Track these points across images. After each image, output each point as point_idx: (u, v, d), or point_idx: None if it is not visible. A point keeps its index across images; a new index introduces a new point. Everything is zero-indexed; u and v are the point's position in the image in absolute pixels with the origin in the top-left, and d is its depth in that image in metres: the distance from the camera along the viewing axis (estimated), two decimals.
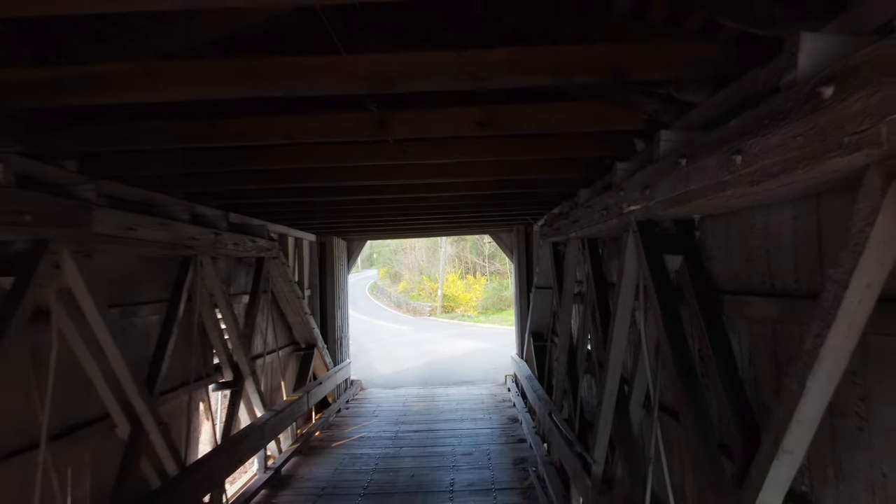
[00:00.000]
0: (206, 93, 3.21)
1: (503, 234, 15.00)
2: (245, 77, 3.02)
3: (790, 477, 2.70)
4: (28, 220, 4.00)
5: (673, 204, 3.53)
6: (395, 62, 3.14)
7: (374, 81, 3.13)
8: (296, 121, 4.14)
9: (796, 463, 2.64)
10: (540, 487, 7.49)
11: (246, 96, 3.26)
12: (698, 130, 3.58)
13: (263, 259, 9.23)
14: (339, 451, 9.59)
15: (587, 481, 5.72)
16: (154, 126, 4.25)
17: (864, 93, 1.85)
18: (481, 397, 13.65)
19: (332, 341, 13.30)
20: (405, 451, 9.36)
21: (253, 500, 7.42)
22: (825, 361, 2.29)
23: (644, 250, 4.10)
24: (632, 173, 4.42)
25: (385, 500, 7.30)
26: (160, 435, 5.68)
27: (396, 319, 36.95)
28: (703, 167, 3.02)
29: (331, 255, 13.56)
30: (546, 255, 9.54)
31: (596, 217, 5.48)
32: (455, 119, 4.15)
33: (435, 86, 3.16)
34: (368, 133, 4.15)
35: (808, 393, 2.39)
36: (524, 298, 13.43)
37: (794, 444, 2.55)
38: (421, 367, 18.96)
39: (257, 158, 4.85)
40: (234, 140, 4.12)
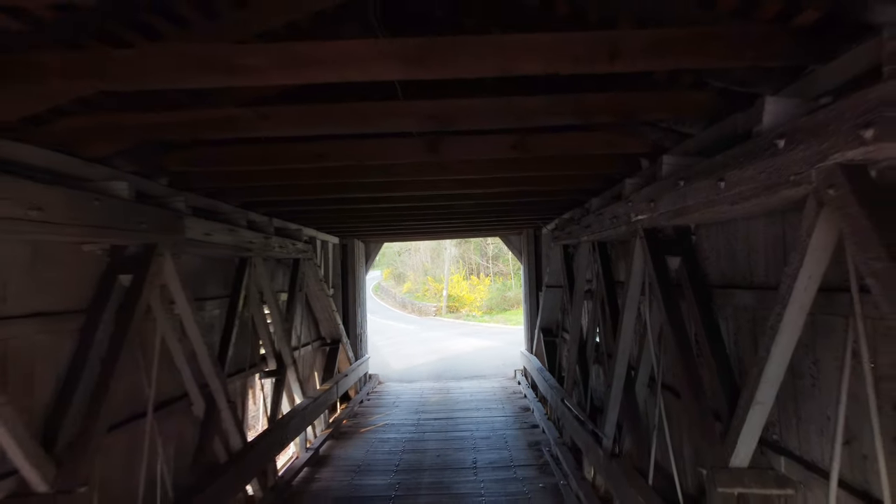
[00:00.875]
0: (305, 130, 4.10)
1: (512, 236, 15.90)
2: (349, 117, 3.92)
3: (761, 424, 3.58)
4: (144, 227, 4.89)
5: (674, 216, 4.41)
6: (454, 106, 4.02)
7: (440, 120, 4.01)
8: (359, 145, 5.02)
9: (766, 412, 3.52)
10: (554, 464, 8.37)
11: (346, 133, 4.15)
12: (694, 155, 4.46)
13: (299, 260, 10.11)
14: (367, 435, 10.48)
15: (599, 452, 6.60)
16: (239, 151, 5.14)
17: (802, 146, 2.74)
18: (493, 390, 14.53)
19: (352, 337, 14.18)
20: (428, 436, 10.24)
21: (298, 475, 8.30)
22: (784, 333, 3.18)
23: (650, 253, 4.98)
24: (639, 188, 5.29)
25: (417, 475, 8.17)
26: (229, 412, 6.56)
27: (402, 319, 37.79)
28: (697, 188, 3.90)
29: (352, 257, 14.44)
30: (557, 257, 10.42)
31: (607, 224, 6.36)
32: (493, 144, 5.03)
33: (488, 125, 4.05)
34: (421, 156, 5.03)
35: (773, 357, 3.27)
36: (533, 297, 14.32)
37: (763, 396, 3.44)
38: (432, 364, 19.85)
39: (327, 175, 5.74)
40: (314, 161, 4.99)
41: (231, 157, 5.09)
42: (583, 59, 2.97)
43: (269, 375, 8.78)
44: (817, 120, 2.66)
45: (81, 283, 4.75)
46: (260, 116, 3.95)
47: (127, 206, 4.72)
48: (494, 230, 15.46)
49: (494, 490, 7.58)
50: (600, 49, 2.92)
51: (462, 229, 14.56)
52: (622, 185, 5.89)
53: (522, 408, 12.25)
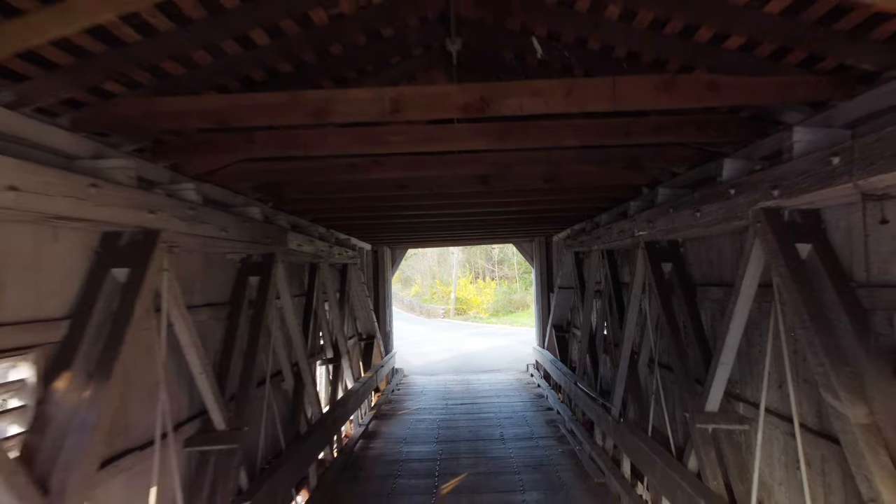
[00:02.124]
0: (405, 172, 5.73)
1: (525, 243, 17.54)
2: (436, 165, 5.55)
3: (725, 380, 5.19)
4: (268, 241, 6.53)
5: (667, 233, 6.05)
6: (509, 157, 5.65)
7: (498, 166, 5.64)
8: (435, 178, 6.63)
9: (728, 371, 5.12)
10: (570, 436, 9.98)
11: (431, 174, 5.78)
12: (681, 188, 6.08)
13: (348, 265, 11.75)
14: (405, 417, 12.10)
15: (608, 419, 8.21)
16: (337, 183, 6.75)
17: (744, 195, 4.36)
18: (509, 381, 16.16)
19: (382, 334, 15.80)
20: (458, 417, 11.85)
21: (356, 445, 9.91)
22: (737, 315, 4.80)
23: (649, 260, 6.60)
24: (641, 210, 6.92)
25: (454, 444, 9.78)
26: (313, 387, 8.19)
27: (412, 321, 39.33)
28: (682, 215, 5.52)
29: (382, 262, 16.08)
30: (569, 262, 12.05)
31: (614, 236, 7.98)
32: (530, 178, 6.63)
33: (531, 168, 5.68)
34: (476, 187, 6.65)
35: (731, 331, 4.90)
36: (544, 298, 15.95)
37: (726, 359, 5.05)
38: (449, 360, 21.47)
39: (403, 199, 7.37)
40: (397, 190, 6.61)
41: (328, 188, 6.68)
42: (604, 133, 4.61)
43: (329, 362, 10.39)
44: (752, 180, 4.29)
45: (226, 282, 6.37)
46: (375, 163, 5.58)
47: (260, 226, 6.37)
48: (510, 238, 17.11)
49: (521, 455, 9.20)
50: (621, 129, 4.56)
51: (483, 238, 16.22)
52: (627, 206, 7.55)
53: (537, 395, 13.87)
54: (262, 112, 3.69)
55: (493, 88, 3.66)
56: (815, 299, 3.77)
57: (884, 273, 3.50)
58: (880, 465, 3.12)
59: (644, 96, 3.64)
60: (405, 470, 8.65)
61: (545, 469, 8.51)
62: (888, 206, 3.40)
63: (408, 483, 8.09)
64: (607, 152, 5.55)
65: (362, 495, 7.72)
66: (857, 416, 3.27)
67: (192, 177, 5.15)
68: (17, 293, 3.38)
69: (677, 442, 6.68)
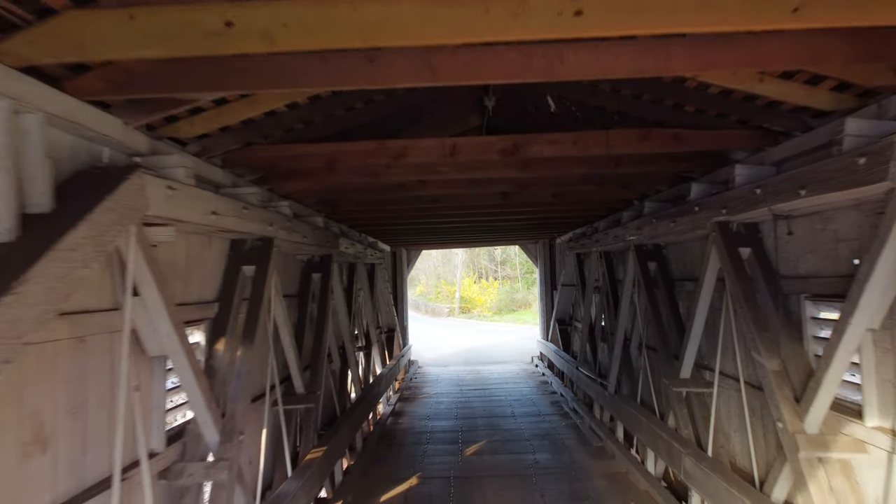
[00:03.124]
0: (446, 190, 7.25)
1: (530, 245, 19.07)
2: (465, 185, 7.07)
3: (695, 353, 6.71)
4: (328, 244, 8.06)
5: (651, 238, 7.58)
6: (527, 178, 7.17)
7: (518, 185, 7.17)
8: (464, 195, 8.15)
9: (696, 346, 6.65)
10: (572, 413, 11.51)
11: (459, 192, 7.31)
12: (663, 202, 7.61)
13: (375, 264, 13.28)
14: (425, 399, 13.62)
15: (605, 394, 9.73)
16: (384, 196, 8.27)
17: (705, 212, 5.88)
18: (515, 370, 17.70)
19: (401, 328, 17.33)
20: (472, 399, 13.38)
21: (387, 420, 11.44)
22: (702, 302, 6.32)
23: (637, 261, 8.12)
24: (631, 219, 8.45)
25: (472, 420, 11.30)
26: (356, 368, 9.71)
27: (418, 320, 40.75)
28: (662, 224, 7.05)
29: (399, 262, 17.61)
30: (571, 262, 13.58)
31: (610, 240, 9.51)
32: (541, 194, 8.17)
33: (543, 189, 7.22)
34: (497, 201, 8.18)
35: (697, 315, 6.43)
36: (548, 294, 17.48)
37: (695, 336, 6.58)
38: (457, 354, 23.01)
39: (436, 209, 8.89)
40: (432, 203, 8.12)
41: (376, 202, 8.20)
42: (600, 165, 6.14)
43: (361, 350, 11.91)
44: (710, 201, 5.81)
45: (295, 277, 7.89)
46: (421, 184, 7.09)
47: (322, 232, 7.89)
48: (517, 240, 18.65)
49: (530, 428, 10.72)
50: (612, 161, 6.08)
51: (493, 240, 17.74)
52: (620, 215, 9.10)
53: (542, 382, 15.41)
54: (357, 155, 5.22)
55: (522, 138, 5.19)
56: (750, 287, 5.30)
57: (793, 269, 5.03)
58: (785, 396, 4.64)
59: (629, 145, 5.17)
60: (433, 439, 10.18)
61: (551, 437, 10.04)
62: (793, 223, 4.93)
63: (436, 448, 9.62)
64: (603, 176, 7.08)
65: (401, 456, 9.24)
66: (772, 366, 4.80)
67: (280, 195, 6.66)
68: (195, 283, 4.91)
69: (661, 408, 8.17)
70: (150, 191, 3.52)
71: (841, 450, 4.30)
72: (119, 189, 3.22)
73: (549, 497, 7.30)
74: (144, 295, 3.80)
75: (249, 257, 5.56)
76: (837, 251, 4.52)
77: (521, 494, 7.40)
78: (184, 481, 4.31)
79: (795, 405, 4.61)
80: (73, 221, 2.90)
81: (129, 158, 3.83)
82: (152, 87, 3.32)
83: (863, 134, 3.79)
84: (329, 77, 3.13)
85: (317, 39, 2.66)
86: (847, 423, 4.36)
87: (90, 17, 2.69)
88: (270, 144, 5.19)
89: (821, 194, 4.06)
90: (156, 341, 4.03)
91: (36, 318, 2.56)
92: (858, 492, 4.25)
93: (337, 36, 2.63)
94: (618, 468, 8.36)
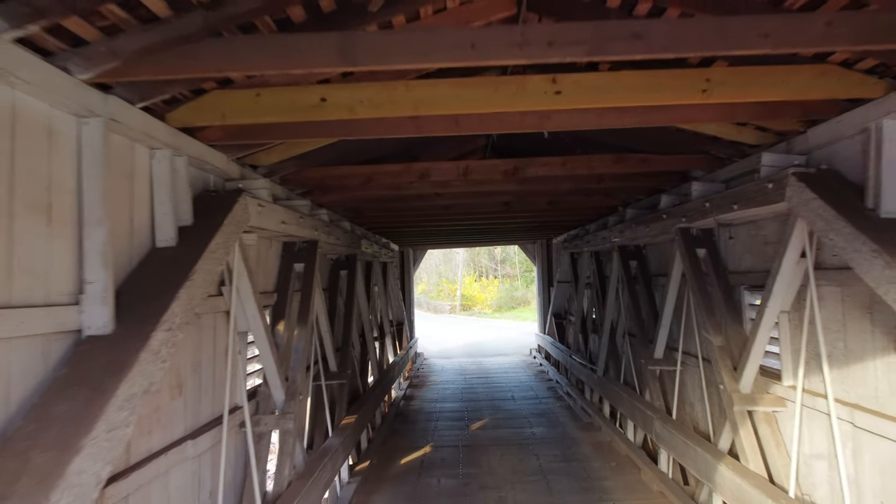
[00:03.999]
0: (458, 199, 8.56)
1: (528, 245, 20.39)
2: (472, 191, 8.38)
3: (665, 336, 8.02)
4: (353, 245, 9.36)
5: (632, 240, 8.90)
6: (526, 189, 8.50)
7: (517, 195, 8.48)
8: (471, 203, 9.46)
9: (667, 331, 7.95)
10: (567, 397, 12.83)
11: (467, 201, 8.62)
12: (643, 209, 8.92)
13: (386, 263, 14.59)
14: (433, 386, 14.94)
15: (594, 377, 11.05)
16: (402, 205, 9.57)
17: (671, 219, 7.18)
18: (515, 362, 19.02)
19: (408, 322, 18.64)
20: (476, 386, 14.70)
21: (400, 403, 12.76)
22: (671, 294, 7.63)
23: (620, 260, 9.43)
24: (616, 223, 9.77)
25: (476, 403, 12.62)
26: (373, 354, 11.01)
27: (421, 317, 41.87)
28: (640, 228, 8.36)
29: (407, 261, 18.93)
30: (566, 261, 14.91)
31: (599, 242, 10.83)
32: (539, 203, 9.48)
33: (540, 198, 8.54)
34: (500, 209, 9.48)
35: (667, 304, 7.74)
36: (545, 291, 18.80)
37: (665, 322, 7.89)
38: (460, 347, 24.34)
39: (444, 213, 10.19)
40: (441, 210, 9.42)
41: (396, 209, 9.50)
42: (585, 181, 7.43)
43: (376, 340, 13.21)
44: (674, 210, 7.12)
45: (326, 273, 9.19)
46: (437, 195, 8.39)
47: (349, 234, 9.19)
48: (516, 241, 19.97)
49: (528, 408, 12.04)
50: (595, 178, 7.38)
51: (494, 241, 19.05)
52: (607, 220, 10.42)
53: (540, 371, 16.74)
54: (389, 175, 6.52)
55: (521, 162, 6.50)
56: (704, 281, 6.61)
57: (736, 266, 6.35)
58: (726, 365, 5.94)
59: (607, 166, 6.48)
60: (442, 417, 11.50)
61: (547, 416, 11.36)
62: (734, 230, 6.26)
63: (445, 424, 10.93)
64: (589, 189, 8.38)
65: (415, 430, 10.55)
66: (717, 342, 6.10)
67: (318, 205, 7.96)
68: (262, 277, 6.20)
69: (640, 385, 9.47)
70: (249, 208, 4.83)
71: (765, 404, 5.60)
72: (234, 208, 4.53)
73: (543, 459, 8.62)
74: (238, 285, 5.10)
75: (299, 256, 6.86)
76: (766, 252, 5.83)
77: (519, 457, 8.72)
78: (260, 429, 5.61)
79: (733, 372, 5.91)
80: (211, 232, 4.20)
81: (224, 182, 5.14)
82: (252, 136, 4.63)
83: (774, 165, 5.09)
84: (388, 130, 4.44)
85: (382, 110, 3.96)
86: (771, 384, 5.67)
87: (230, 95, 3.99)
88: (320, 166, 6.49)
89: (747, 209, 5.37)
90: (244, 320, 5.33)
91: (199, 297, 3.86)
92: (777, 436, 5.55)
93: (396, 109, 3.93)
94: (603, 438, 9.68)
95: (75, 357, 3.13)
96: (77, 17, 2.73)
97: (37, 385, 2.99)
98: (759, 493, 5.00)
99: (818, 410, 4.93)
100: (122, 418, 2.97)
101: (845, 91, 3.92)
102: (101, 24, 2.92)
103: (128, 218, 3.81)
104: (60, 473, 2.56)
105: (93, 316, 3.26)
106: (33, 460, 2.60)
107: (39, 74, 2.82)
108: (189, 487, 4.48)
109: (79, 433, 2.73)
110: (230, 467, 5.12)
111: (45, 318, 3.01)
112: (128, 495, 3.63)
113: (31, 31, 2.57)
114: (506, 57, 3.05)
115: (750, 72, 3.82)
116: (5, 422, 2.78)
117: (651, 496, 7.22)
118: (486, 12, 4.09)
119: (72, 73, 3.01)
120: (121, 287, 3.59)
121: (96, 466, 2.76)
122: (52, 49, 2.91)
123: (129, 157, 3.82)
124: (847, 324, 4.62)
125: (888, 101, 3.92)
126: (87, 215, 3.28)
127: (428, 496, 7.38)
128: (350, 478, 7.92)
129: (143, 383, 3.17)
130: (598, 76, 3.79)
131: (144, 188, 3.99)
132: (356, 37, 3.09)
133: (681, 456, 6.76)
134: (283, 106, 3.97)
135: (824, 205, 4.24)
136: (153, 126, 3.85)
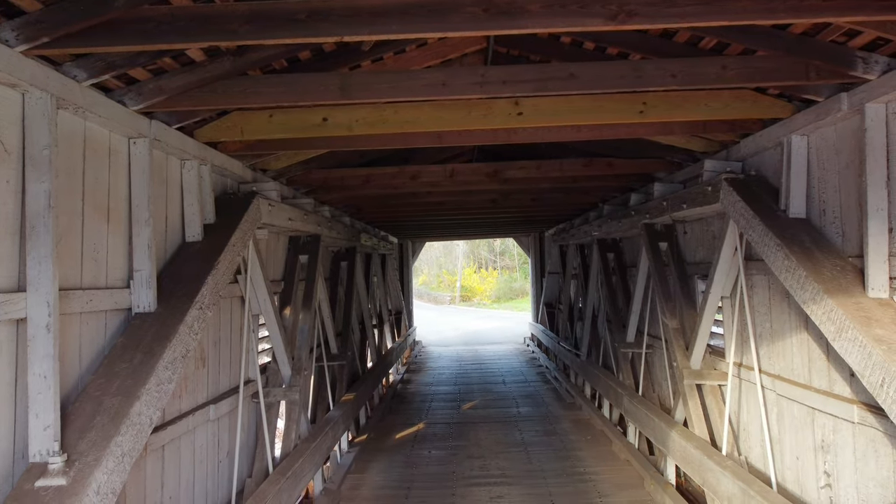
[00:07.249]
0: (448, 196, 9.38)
1: (523, 237, 21.21)
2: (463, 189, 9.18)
3: (636, 322, 8.84)
4: (353, 238, 10.18)
5: (608, 234, 9.71)
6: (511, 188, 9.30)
7: (503, 193, 9.29)
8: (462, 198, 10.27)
9: (637, 317, 8.77)
10: (554, 381, 13.68)
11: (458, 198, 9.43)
12: (619, 205, 9.71)
13: (385, 255, 15.41)
14: (429, 371, 15.81)
15: (577, 360, 11.88)
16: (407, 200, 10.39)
17: (638, 216, 7.99)
18: (509, 349, 19.89)
19: (407, 311, 19.49)
20: (470, 371, 15.56)
21: (398, 386, 13.62)
22: (639, 283, 8.44)
23: (599, 253, 10.24)
24: (595, 219, 10.57)
25: (469, 386, 13.48)
26: (372, 340, 11.85)
27: (421, 307, 42.90)
28: (614, 223, 9.17)
29: (406, 253, 19.75)
30: (555, 253, 15.74)
31: (581, 235, 11.64)
32: (525, 200, 10.27)
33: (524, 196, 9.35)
34: (488, 206, 10.28)
35: (636, 293, 8.55)
36: (538, 282, 19.62)
37: (636, 309, 8.71)
38: (458, 336, 25.22)
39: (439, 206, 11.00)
40: (437, 204, 10.22)
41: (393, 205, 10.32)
42: (561, 182, 8.23)
43: (375, 327, 14.06)
44: (640, 208, 7.92)
45: (328, 264, 10.01)
46: (429, 193, 9.19)
47: (349, 228, 10.01)
48: (510, 234, 20.79)
49: (517, 391, 12.90)
50: (570, 179, 8.17)
51: (488, 233, 19.88)
52: (587, 216, 11.23)
53: (531, 358, 17.60)
54: (384, 176, 7.33)
55: (501, 165, 7.31)
56: (664, 271, 7.42)
57: (691, 258, 7.16)
58: (679, 345, 6.76)
59: (577, 169, 7.28)
60: (436, 398, 12.36)
61: (533, 397, 12.22)
62: (687, 226, 7.07)
63: (439, 404, 11.80)
64: (566, 188, 9.19)
65: (410, 409, 11.41)
66: (673, 325, 6.91)
67: (321, 202, 8.78)
68: (271, 267, 7.03)
69: (616, 367, 10.32)
70: (262, 208, 5.65)
71: (712, 379, 6.43)
72: (249, 208, 5.34)
73: (525, 433, 9.47)
74: (252, 274, 5.92)
75: (304, 249, 7.68)
76: (714, 245, 6.61)
77: (505, 432, 9.57)
78: (270, 399, 6.45)
79: (685, 351, 6.73)
80: (231, 229, 5.02)
81: (239, 185, 5.96)
82: (265, 148, 5.45)
83: (714, 170, 5.90)
84: (382, 143, 5.26)
85: (375, 128, 4.77)
86: (717, 361, 6.49)
87: (247, 115, 4.81)
88: (324, 169, 7.30)
89: (693, 208, 6.18)
90: (256, 304, 6.16)
91: (222, 283, 4.69)
92: (721, 407, 6.36)
93: (388, 127, 4.74)
94: (583, 416, 10.53)
95: (129, 329, 3.97)
96: (139, 68, 3.54)
97: (100, 350, 3.82)
98: (699, 453, 5.83)
99: (752, 382, 5.74)
100: (167, 376, 3.80)
101: (759, 112, 4.72)
102: (151, 67, 3.73)
103: (164, 217, 4.63)
104: (126, 413, 3.38)
105: (141, 297, 4.09)
106: (105, 403, 3.44)
107: (105, 108, 3.63)
108: (210, 446, 5.32)
109: (137, 384, 3.56)
110: (244, 432, 5.96)
111: (106, 297, 3.83)
112: (163, 445, 4.47)
113: (103, 79, 3.38)
114: (470, 93, 3.86)
115: (678, 96, 4.61)
116: (80, 376, 3.61)
117: (618, 463, 8.06)
118: (460, 46, 4.89)
119: (126, 105, 3.82)
120: (160, 274, 4.42)
121: (150, 410, 3.59)
122: (112, 87, 3.72)
123: (165, 168, 4.64)
124: (772, 307, 5.43)
125: (794, 121, 4.72)
126: (135, 216, 4.10)
127: (419, 463, 8.24)
128: (349, 448, 8.79)
129: (182, 350, 4.00)
130: (552, 101, 4.58)
131: (176, 192, 4.80)
132: (353, 76, 3.91)
133: (643, 427, 7.59)
134: (292, 124, 4.78)
135: (746, 206, 5.05)
136: (185, 142, 4.66)
